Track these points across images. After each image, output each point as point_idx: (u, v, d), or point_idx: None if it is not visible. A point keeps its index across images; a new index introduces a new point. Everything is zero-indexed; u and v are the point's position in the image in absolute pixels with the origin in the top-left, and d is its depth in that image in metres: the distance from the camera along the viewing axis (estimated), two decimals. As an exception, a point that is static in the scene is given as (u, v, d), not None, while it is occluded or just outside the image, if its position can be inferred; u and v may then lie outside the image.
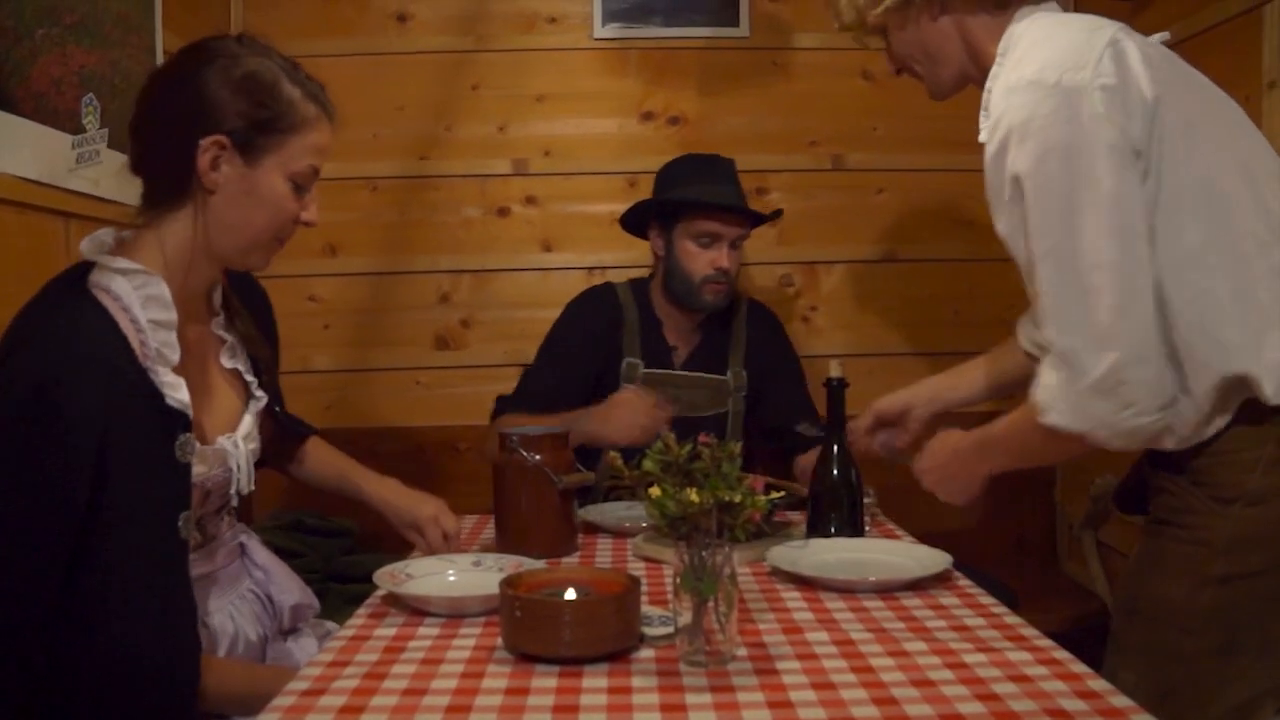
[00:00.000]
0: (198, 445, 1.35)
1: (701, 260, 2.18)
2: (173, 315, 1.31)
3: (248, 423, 1.50)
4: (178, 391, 1.30)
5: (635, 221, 2.33)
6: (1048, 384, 1.30)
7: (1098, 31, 1.32)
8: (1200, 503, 1.32)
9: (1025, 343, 1.68)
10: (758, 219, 2.26)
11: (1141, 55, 1.30)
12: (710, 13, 2.81)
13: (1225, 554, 1.29)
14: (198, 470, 1.35)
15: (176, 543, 1.30)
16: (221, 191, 1.33)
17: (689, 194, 2.19)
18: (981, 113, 1.45)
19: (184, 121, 1.31)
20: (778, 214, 2.30)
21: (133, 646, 1.24)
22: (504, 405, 2.19)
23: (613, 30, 2.82)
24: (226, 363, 1.51)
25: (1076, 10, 2.80)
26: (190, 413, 1.32)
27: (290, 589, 1.59)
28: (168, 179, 1.34)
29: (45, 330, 1.24)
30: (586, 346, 2.25)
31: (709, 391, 2.25)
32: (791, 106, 2.85)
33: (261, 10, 2.79)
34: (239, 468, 1.45)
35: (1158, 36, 1.43)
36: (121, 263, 1.30)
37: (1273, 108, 2.01)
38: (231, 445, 1.45)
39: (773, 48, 2.84)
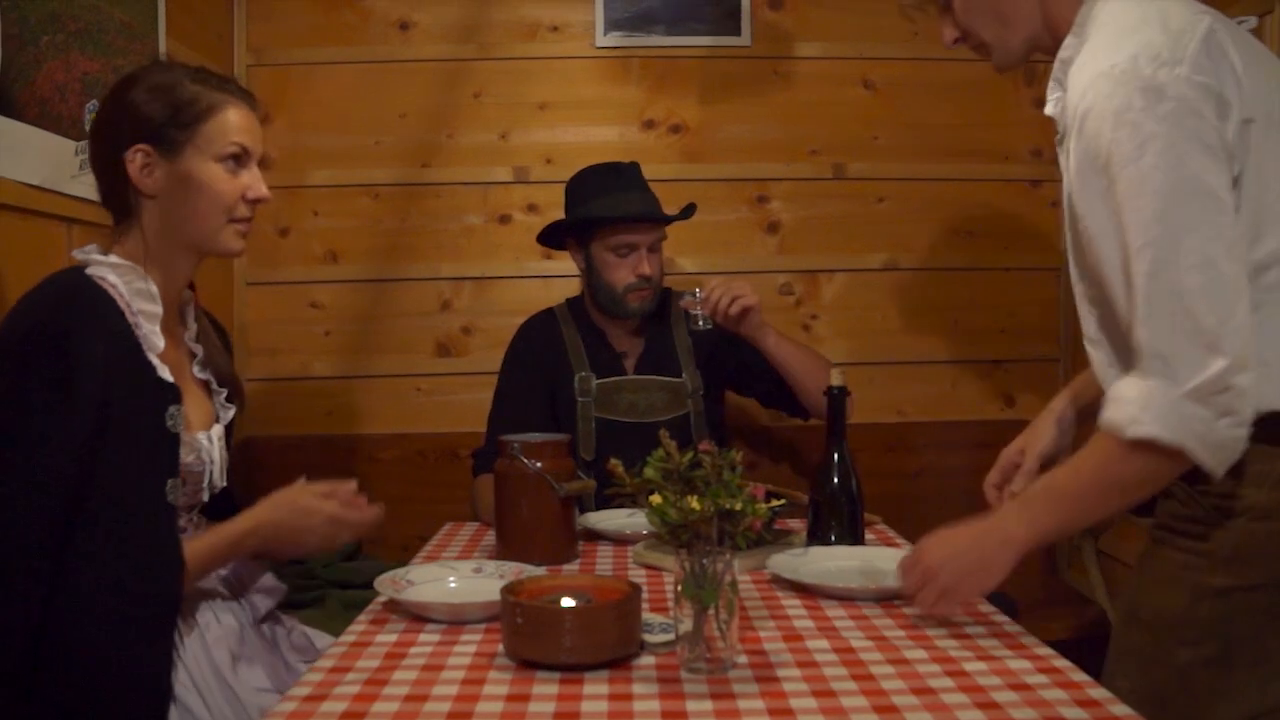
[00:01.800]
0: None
1: (622, 270, 2.19)
2: (158, 309, 1.43)
3: (219, 429, 1.57)
4: (164, 373, 1.41)
5: (552, 238, 2.33)
6: (1132, 396, 1.22)
7: (1194, 21, 1.24)
8: (1206, 513, 1.29)
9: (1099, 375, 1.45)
10: (670, 221, 2.26)
11: (1238, 52, 1.23)
12: (712, 22, 2.82)
13: (1226, 565, 1.27)
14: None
15: (164, 505, 1.40)
16: (162, 193, 1.45)
17: (597, 208, 2.19)
18: (1051, 83, 1.39)
19: (108, 143, 1.45)
20: (689, 210, 2.30)
21: (122, 593, 1.33)
22: (479, 459, 2.18)
23: (614, 39, 2.83)
24: (198, 374, 1.58)
25: None
26: (179, 388, 1.42)
27: (254, 574, 1.60)
28: (116, 198, 1.48)
29: (51, 296, 1.36)
30: (534, 376, 2.25)
31: (667, 394, 2.25)
32: (792, 115, 2.86)
33: (264, 19, 2.79)
34: (212, 461, 1.52)
35: (1246, 22, 1.38)
36: (112, 259, 1.43)
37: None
38: (206, 440, 1.51)
39: (774, 57, 2.85)
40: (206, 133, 1.45)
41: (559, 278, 2.81)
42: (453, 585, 1.51)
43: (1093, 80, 1.25)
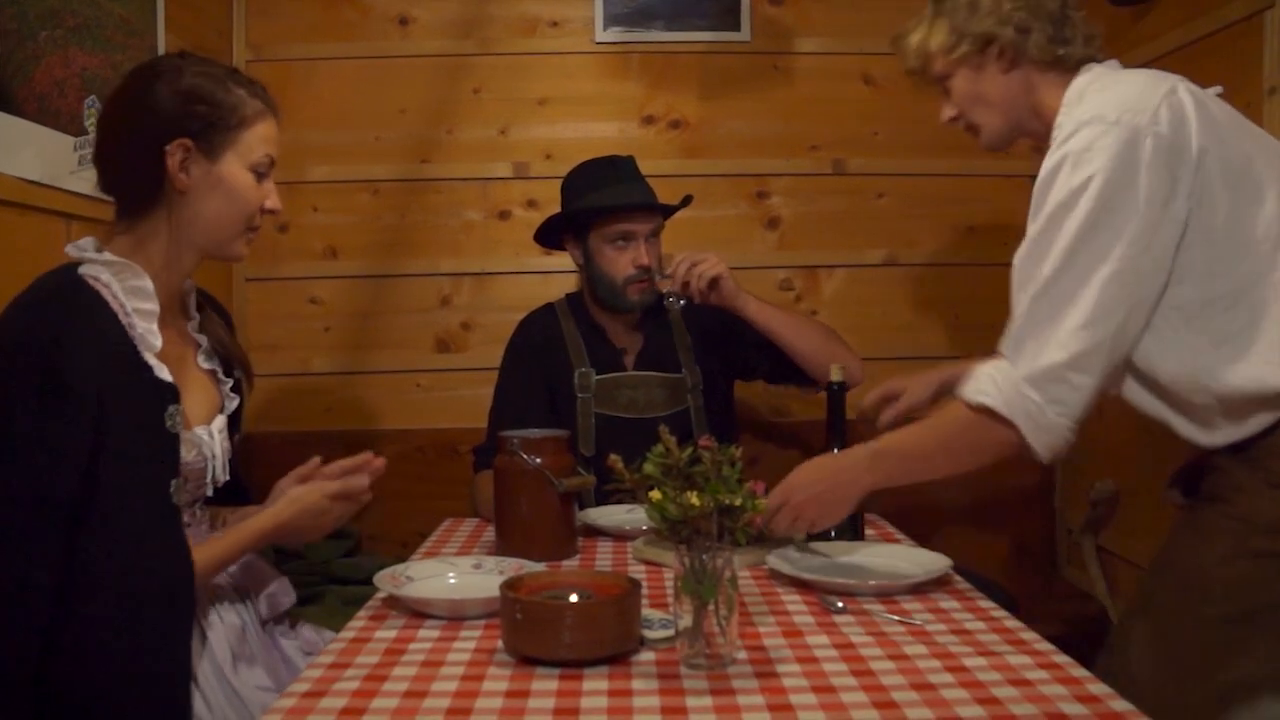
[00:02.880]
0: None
1: (621, 261, 2.18)
2: (155, 306, 1.41)
3: (221, 420, 1.56)
4: (162, 373, 1.39)
5: (550, 236, 2.33)
6: (986, 371, 1.42)
7: (1159, 81, 1.41)
8: (1251, 483, 1.38)
9: None
10: (668, 211, 2.26)
11: (1196, 108, 1.39)
12: (711, 17, 2.82)
13: (1266, 533, 1.34)
14: None
15: (169, 506, 1.38)
16: (192, 190, 1.44)
17: (593, 200, 2.19)
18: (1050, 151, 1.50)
19: (148, 133, 1.42)
20: (687, 200, 2.29)
21: (134, 600, 1.31)
22: (480, 456, 2.18)
23: (614, 34, 2.82)
24: (203, 364, 1.57)
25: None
26: (177, 387, 1.41)
27: (264, 579, 1.60)
28: (140, 189, 1.45)
29: (40, 301, 1.34)
30: (534, 372, 2.25)
31: (666, 390, 2.24)
32: (792, 111, 2.85)
33: (263, 14, 2.79)
34: (214, 455, 1.51)
35: (1213, 90, 1.50)
36: (107, 256, 1.41)
37: (1273, 114, 2.01)
38: (207, 435, 1.50)
39: (774, 52, 2.84)
40: (247, 140, 1.46)
41: (558, 273, 2.80)
42: (452, 581, 1.51)
43: (1072, 127, 1.41)
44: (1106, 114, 1.37)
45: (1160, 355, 1.42)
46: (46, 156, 1.84)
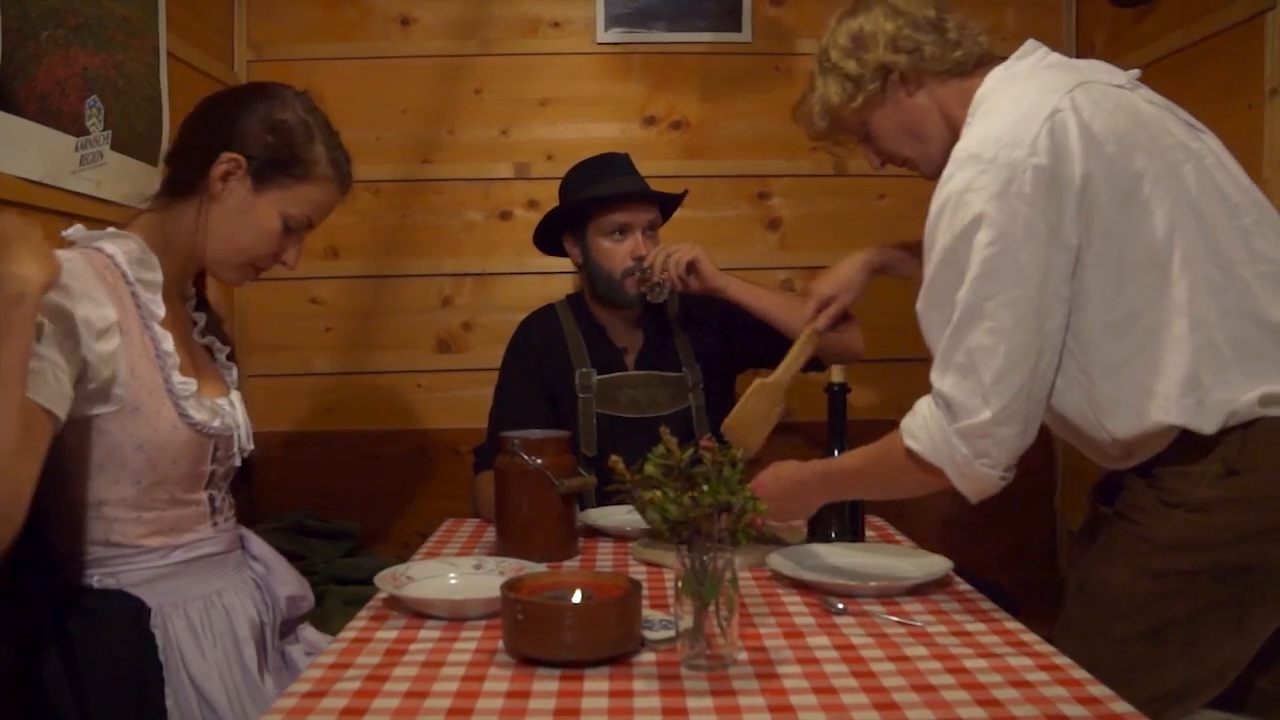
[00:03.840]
0: (195, 389, 1.44)
1: (619, 254, 2.19)
2: (158, 276, 1.44)
3: (237, 394, 1.58)
4: (166, 342, 1.41)
5: (549, 240, 2.32)
6: (922, 415, 1.43)
7: (1044, 100, 1.38)
8: (1150, 503, 1.40)
9: None
10: (664, 201, 2.25)
11: (1080, 130, 1.36)
12: (713, 18, 2.82)
13: (1164, 551, 1.37)
14: (199, 416, 1.42)
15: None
16: (222, 203, 1.47)
17: (590, 194, 2.19)
18: None
19: (216, 132, 1.47)
20: (683, 195, 2.29)
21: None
22: (480, 456, 2.18)
23: (615, 35, 2.82)
24: (199, 340, 1.59)
25: (1078, 19, 2.85)
26: (176, 356, 1.43)
27: (287, 580, 1.61)
28: (186, 175, 1.48)
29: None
30: (535, 373, 2.25)
31: (669, 389, 2.24)
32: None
33: (265, 14, 2.79)
34: (238, 424, 1.53)
35: (1127, 76, 1.49)
36: (109, 230, 1.44)
37: (1274, 115, 2.01)
38: (227, 404, 1.52)
39: (775, 53, 2.84)
40: (299, 192, 1.49)
41: (559, 273, 2.80)
42: (453, 582, 1.51)
43: (951, 163, 1.42)
44: (983, 152, 1.36)
45: (1064, 385, 1.42)
46: (48, 156, 1.84)
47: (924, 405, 1.44)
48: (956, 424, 1.38)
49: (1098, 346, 1.39)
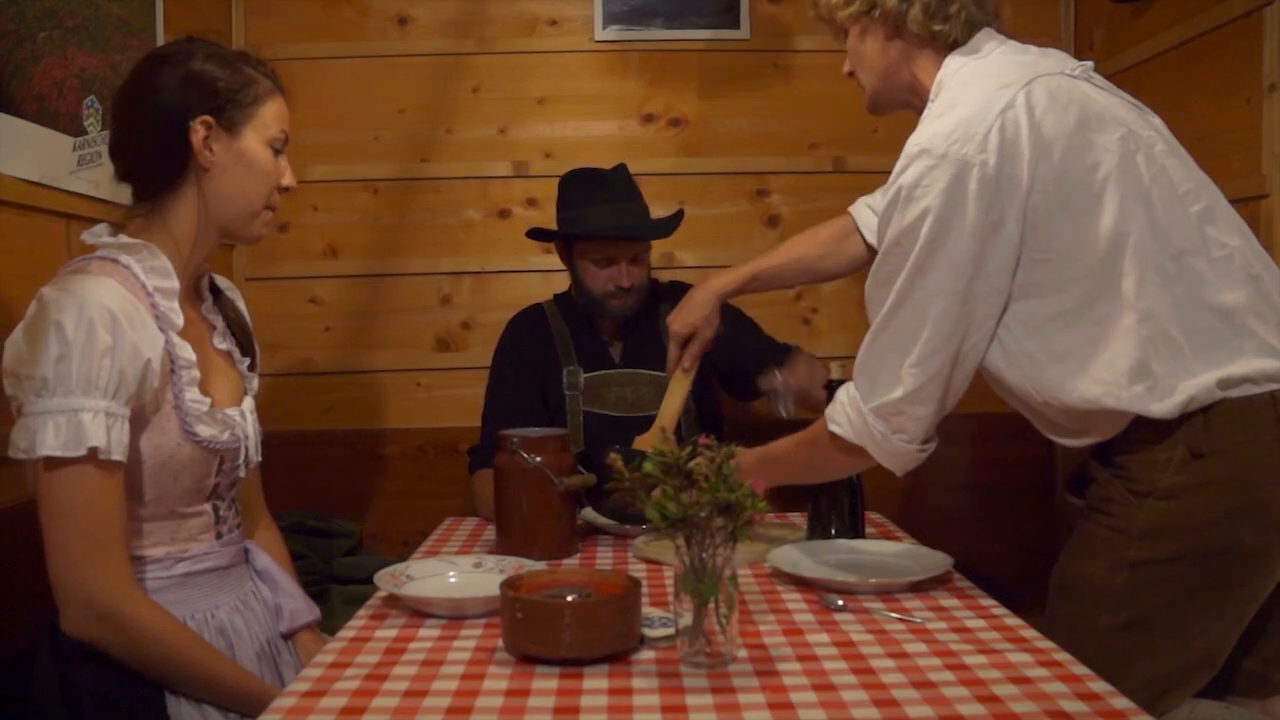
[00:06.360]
0: (208, 406, 1.43)
1: (602, 278, 2.19)
2: (175, 284, 1.42)
3: (249, 401, 1.57)
4: (185, 351, 1.42)
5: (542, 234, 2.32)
6: (841, 401, 1.50)
7: (998, 95, 1.40)
8: (1120, 494, 1.42)
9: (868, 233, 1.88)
10: (653, 235, 2.23)
11: (1030, 130, 1.37)
12: (711, 15, 2.81)
13: (1139, 541, 1.38)
14: (208, 433, 1.42)
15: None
16: (216, 167, 1.46)
17: (579, 219, 2.19)
18: None
19: (168, 113, 1.43)
20: (675, 220, 2.26)
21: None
22: (475, 456, 2.18)
23: (613, 32, 2.82)
24: (219, 344, 1.57)
25: (1077, 15, 2.84)
26: (198, 370, 1.43)
27: (292, 594, 1.60)
28: (164, 170, 1.45)
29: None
30: (524, 371, 2.25)
31: (655, 388, 2.24)
32: (792, 109, 2.85)
33: (262, 14, 2.79)
34: (247, 436, 1.52)
35: (1081, 67, 1.50)
36: (122, 239, 1.42)
37: (1272, 110, 2.01)
38: (239, 415, 1.51)
39: (773, 50, 2.84)
40: (263, 116, 1.48)
41: (558, 272, 2.78)
42: (453, 580, 1.51)
43: (905, 153, 1.44)
44: (935, 147, 1.38)
45: (1006, 366, 1.46)
46: (46, 157, 1.84)
47: (843, 392, 1.51)
48: (871, 402, 1.45)
49: (1047, 334, 1.42)
